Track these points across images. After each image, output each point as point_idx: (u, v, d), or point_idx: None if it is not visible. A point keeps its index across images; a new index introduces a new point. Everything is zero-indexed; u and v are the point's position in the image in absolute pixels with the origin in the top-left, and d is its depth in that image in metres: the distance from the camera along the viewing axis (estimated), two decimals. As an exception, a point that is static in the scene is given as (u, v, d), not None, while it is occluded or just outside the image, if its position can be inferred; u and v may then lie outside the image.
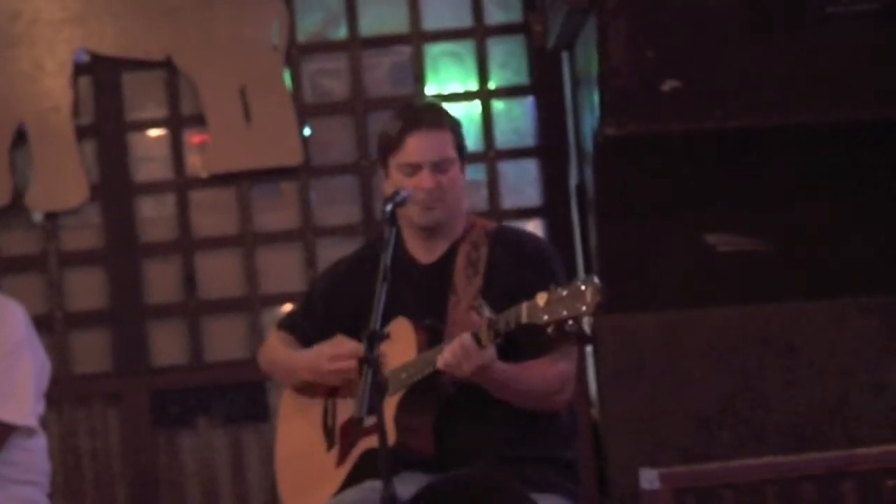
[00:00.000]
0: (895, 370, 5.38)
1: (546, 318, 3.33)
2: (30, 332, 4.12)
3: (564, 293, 3.32)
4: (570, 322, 3.31)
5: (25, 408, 4.00)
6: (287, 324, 3.98)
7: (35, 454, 4.10)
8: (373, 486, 3.50)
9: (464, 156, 3.75)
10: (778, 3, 5.25)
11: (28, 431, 4.04)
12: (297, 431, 3.89)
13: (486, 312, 3.45)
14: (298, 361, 3.86)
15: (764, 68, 5.23)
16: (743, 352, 5.41)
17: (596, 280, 3.30)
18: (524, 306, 3.38)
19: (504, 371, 3.51)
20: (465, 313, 3.60)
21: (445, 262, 3.72)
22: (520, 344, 3.55)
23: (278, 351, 3.95)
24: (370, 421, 3.36)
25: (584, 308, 3.29)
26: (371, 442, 3.54)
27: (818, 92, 5.25)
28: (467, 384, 3.54)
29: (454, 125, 3.76)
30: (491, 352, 3.45)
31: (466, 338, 3.44)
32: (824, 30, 5.24)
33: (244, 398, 6.04)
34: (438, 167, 3.67)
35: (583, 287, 3.30)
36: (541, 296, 3.35)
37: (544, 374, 3.59)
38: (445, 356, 3.45)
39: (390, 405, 3.56)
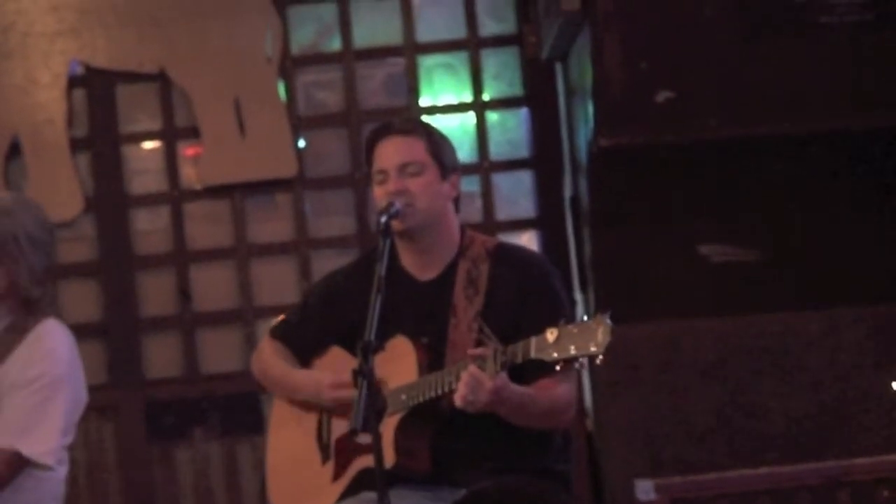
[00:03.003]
0: (890, 379, 5.38)
1: (555, 355, 3.26)
2: (73, 363, 3.97)
3: (575, 330, 3.25)
4: (580, 361, 3.25)
5: (49, 445, 3.86)
6: (281, 333, 3.95)
7: (51, 483, 3.99)
8: (368, 498, 3.49)
9: (446, 166, 3.68)
10: (771, 13, 5.26)
11: (46, 467, 3.95)
12: (290, 441, 3.86)
13: (493, 342, 3.38)
14: (297, 383, 3.83)
15: (757, 78, 5.24)
16: (737, 362, 5.41)
17: (608, 320, 3.21)
18: (533, 341, 3.31)
19: (518, 392, 3.43)
20: (466, 334, 3.56)
21: (444, 280, 3.67)
22: (521, 365, 3.43)
23: (273, 365, 3.91)
24: (365, 438, 3.35)
25: (595, 349, 3.21)
26: (368, 461, 3.50)
27: (811, 101, 5.26)
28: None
29: (430, 133, 3.70)
30: (503, 374, 3.38)
31: (474, 368, 3.36)
32: (818, 39, 5.24)
33: (239, 410, 6.03)
34: (405, 170, 3.62)
35: (594, 326, 3.23)
36: (551, 331, 3.28)
37: (552, 393, 3.53)
38: (462, 392, 3.36)
39: (389, 426, 3.53)
